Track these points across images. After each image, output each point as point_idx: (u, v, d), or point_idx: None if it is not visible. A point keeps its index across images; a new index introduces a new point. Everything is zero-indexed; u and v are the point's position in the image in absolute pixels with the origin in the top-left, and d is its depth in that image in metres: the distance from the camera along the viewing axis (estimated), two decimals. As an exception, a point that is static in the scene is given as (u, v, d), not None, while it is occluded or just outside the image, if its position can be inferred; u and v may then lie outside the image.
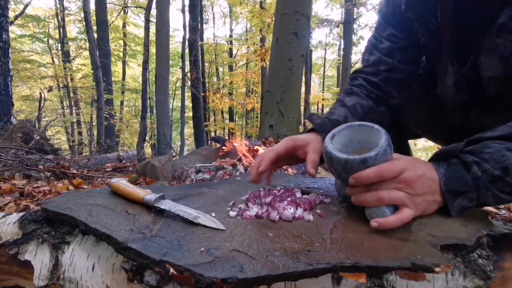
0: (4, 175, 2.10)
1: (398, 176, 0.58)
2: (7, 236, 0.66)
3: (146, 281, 0.54)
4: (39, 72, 11.69)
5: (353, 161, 0.60)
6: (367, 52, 1.02)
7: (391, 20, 0.96)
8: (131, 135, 13.43)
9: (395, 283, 0.51)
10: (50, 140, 4.86)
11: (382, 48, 0.97)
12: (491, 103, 0.88)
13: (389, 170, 0.58)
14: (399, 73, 0.96)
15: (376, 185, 0.59)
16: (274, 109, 3.61)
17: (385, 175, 0.58)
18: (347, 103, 0.94)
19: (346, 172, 0.61)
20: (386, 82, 0.97)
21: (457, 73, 0.87)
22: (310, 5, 3.89)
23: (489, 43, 0.75)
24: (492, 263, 0.53)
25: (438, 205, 0.61)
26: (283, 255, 0.50)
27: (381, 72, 0.96)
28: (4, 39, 4.72)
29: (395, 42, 0.95)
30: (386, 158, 0.60)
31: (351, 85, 1.01)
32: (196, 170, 2.19)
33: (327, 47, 14.64)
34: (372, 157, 0.59)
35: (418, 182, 0.58)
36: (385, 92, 0.97)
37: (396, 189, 0.58)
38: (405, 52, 0.96)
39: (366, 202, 0.60)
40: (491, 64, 0.77)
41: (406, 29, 0.94)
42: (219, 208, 0.72)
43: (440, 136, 1.18)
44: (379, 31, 0.99)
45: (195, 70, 8.83)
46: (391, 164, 0.59)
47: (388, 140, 0.61)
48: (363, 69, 1.01)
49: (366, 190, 0.61)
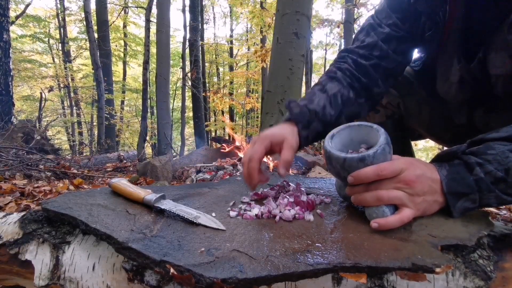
0: (5, 175, 2.11)
1: (398, 175, 0.58)
2: (8, 236, 0.66)
3: (147, 281, 0.54)
4: (39, 72, 11.70)
5: (351, 159, 0.60)
6: (363, 32, 0.98)
7: (397, 7, 0.92)
8: (131, 135, 13.42)
9: (396, 283, 0.51)
10: (50, 140, 4.86)
11: (381, 33, 0.93)
12: (495, 102, 0.86)
13: (388, 169, 0.58)
14: (389, 62, 0.93)
15: (375, 185, 0.59)
16: (274, 109, 3.60)
17: (384, 173, 0.58)
18: (328, 90, 0.90)
19: (345, 170, 0.61)
20: (375, 69, 0.93)
21: (463, 69, 0.85)
22: (310, 5, 3.88)
23: (500, 40, 0.74)
24: (492, 264, 0.53)
25: (439, 206, 0.60)
26: (283, 255, 0.50)
27: (373, 58, 0.93)
28: (5, 39, 4.73)
29: (395, 31, 0.92)
30: (385, 157, 0.60)
31: (336, 68, 0.96)
32: (197, 170, 2.19)
33: (327, 47, 14.63)
34: (370, 155, 0.59)
35: (417, 181, 0.58)
36: (372, 79, 0.94)
37: (395, 188, 0.58)
38: (402, 42, 0.93)
39: (366, 201, 0.60)
40: (500, 61, 0.75)
41: (409, 19, 0.91)
42: (220, 208, 0.72)
43: (444, 136, 1.16)
44: (381, 16, 0.95)
45: (196, 70, 8.83)
46: (390, 163, 0.59)
47: (387, 139, 0.61)
48: (354, 49, 0.96)
49: (365, 189, 0.60)
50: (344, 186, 0.68)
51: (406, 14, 0.91)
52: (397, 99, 1.13)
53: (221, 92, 11.98)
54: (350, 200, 0.65)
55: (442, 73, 0.94)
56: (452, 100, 0.97)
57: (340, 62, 0.97)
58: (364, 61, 0.93)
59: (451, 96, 0.95)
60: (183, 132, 10.40)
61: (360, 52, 0.95)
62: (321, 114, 0.86)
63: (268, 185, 0.89)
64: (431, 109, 1.10)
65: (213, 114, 13.94)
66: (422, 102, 1.11)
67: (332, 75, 0.94)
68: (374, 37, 0.94)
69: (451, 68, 0.89)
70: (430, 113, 1.11)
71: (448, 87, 0.93)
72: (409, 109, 1.14)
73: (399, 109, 1.16)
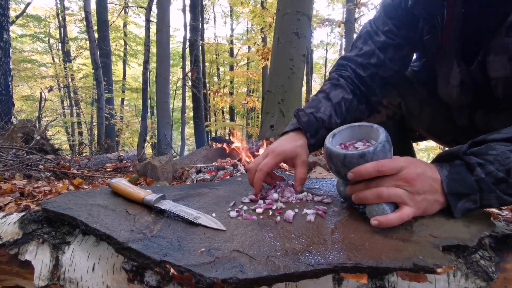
0: (4, 175, 2.11)
1: (398, 173, 0.58)
2: (8, 236, 0.66)
3: (147, 282, 0.54)
4: (39, 72, 11.71)
5: (351, 155, 0.61)
6: (360, 40, 0.99)
7: (393, 13, 0.93)
8: (131, 135, 13.42)
9: (397, 284, 0.51)
10: (50, 140, 4.86)
11: (378, 41, 0.94)
12: (496, 104, 0.86)
13: (389, 165, 0.58)
14: (385, 71, 0.95)
15: (375, 182, 0.59)
16: (275, 109, 3.60)
17: (384, 170, 0.58)
18: (332, 98, 0.92)
19: (345, 167, 0.62)
20: (372, 79, 0.95)
21: (463, 72, 0.86)
22: (311, 4, 3.88)
23: (498, 43, 0.74)
24: (494, 264, 0.52)
25: (440, 206, 0.60)
26: (284, 255, 0.50)
27: (370, 67, 0.95)
28: (5, 39, 4.73)
29: (391, 38, 0.93)
30: (385, 154, 0.60)
31: (338, 75, 0.98)
32: (197, 170, 2.19)
33: (328, 47, 14.64)
34: (370, 151, 0.59)
35: (418, 179, 0.58)
36: (369, 88, 0.96)
37: (395, 186, 0.58)
38: (398, 50, 0.94)
39: (366, 199, 0.60)
40: (499, 64, 0.75)
41: (406, 25, 0.92)
42: (220, 208, 0.72)
43: (445, 137, 1.16)
44: (377, 23, 0.97)
45: (196, 70, 8.83)
46: (391, 160, 0.60)
47: (387, 137, 0.61)
48: (353, 57, 0.98)
49: (365, 187, 0.61)
50: (345, 185, 0.69)
51: (403, 19, 0.92)
52: (397, 99, 1.13)
53: (221, 91, 11.98)
54: (350, 200, 0.65)
55: (442, 76, 0.94)
56: (454, 103, 0.97)
57: (341, 69, 0.99)
58: (362, 72, 0.95)
59: (452, 99, 0.95)
60: (183, 132, 10.41)
61: (358, 60, 0.97)
62: (327, 122, 0.88)
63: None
64: (432, 109, 1.10)
65: (213, 114, 13.95)
66: (423, 102, 1.11)
67: (335, 82, 0.96)
68: (371, 46, 0.95)
69: (451, 71, 0.89)
70: (431, 113, 1.11)
71: (449, 90, 0.93)
72: (410, 109, 1.14)
73: (400, 109, 1.16)
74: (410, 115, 1.15)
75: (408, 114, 1.16)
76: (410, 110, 1.14)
